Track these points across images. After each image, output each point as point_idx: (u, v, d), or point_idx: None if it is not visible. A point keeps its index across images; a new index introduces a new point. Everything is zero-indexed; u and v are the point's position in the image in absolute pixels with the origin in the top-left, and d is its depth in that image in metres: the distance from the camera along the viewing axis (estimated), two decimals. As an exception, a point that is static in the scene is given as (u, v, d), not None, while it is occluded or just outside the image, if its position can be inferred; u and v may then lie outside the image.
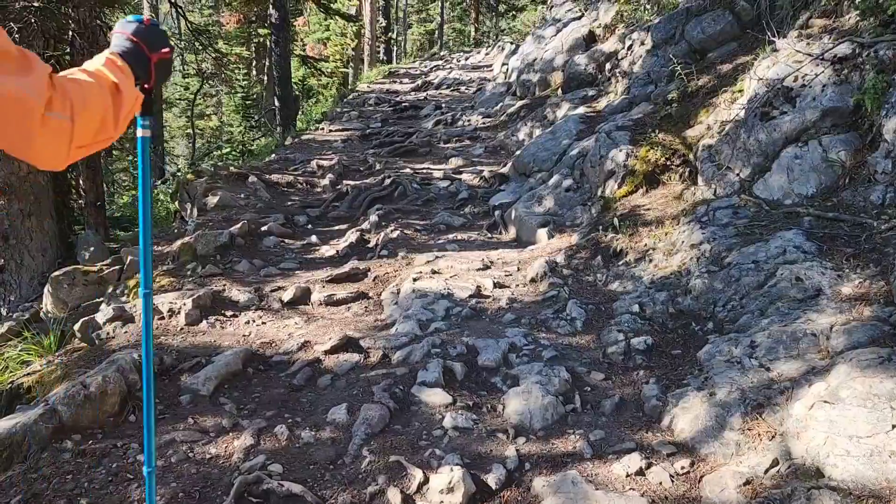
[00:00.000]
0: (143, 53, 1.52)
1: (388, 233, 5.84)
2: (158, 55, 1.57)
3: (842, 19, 4.88)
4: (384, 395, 3.13)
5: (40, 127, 1.17)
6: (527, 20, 18.16)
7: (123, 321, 4.14)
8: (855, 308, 3.02)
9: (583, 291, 4.39)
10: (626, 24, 8.95)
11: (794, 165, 4.34)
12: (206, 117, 27.50)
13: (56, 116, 1.20)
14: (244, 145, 14.95)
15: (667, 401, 2.98)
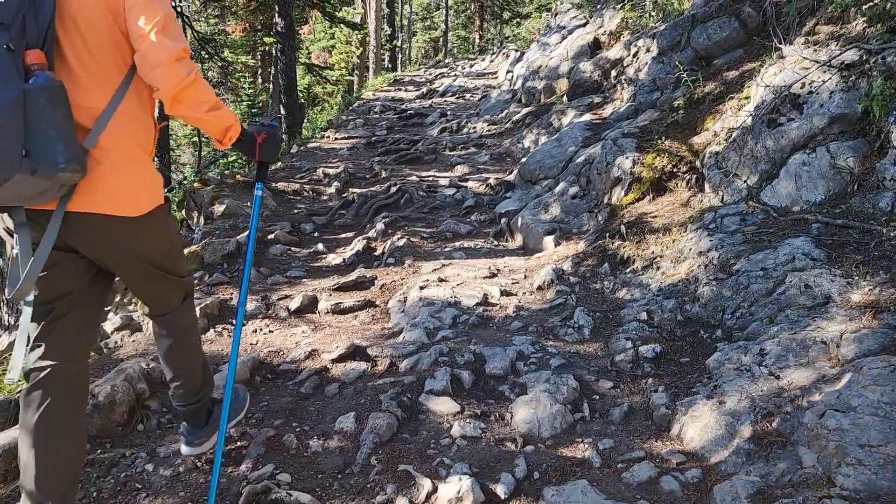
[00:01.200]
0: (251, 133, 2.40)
1: (394, 241, 5.84)
2: (261, 138, 2.42)
3: (848, 26, 4.87)
4: (392, 404, 3.12)
5: (173, 63, 1.91)
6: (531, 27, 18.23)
7: (131, 330, 4.15)
8: (865, 316, 3.01)
9: (590, 299, 4.38)
10: (631, 32, 8.96)
11: (801, 172, 4.33)
12: None
13: (183, 65, 1.94)
14: (250, 153, 14.96)
15: (676, 409, 2.97)
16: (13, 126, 1.72)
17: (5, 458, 2.71)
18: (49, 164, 1.77)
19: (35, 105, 1.74)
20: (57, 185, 1.84)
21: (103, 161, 1.93)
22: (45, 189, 1.83)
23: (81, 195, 1.91)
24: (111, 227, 2.00)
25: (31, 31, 1.80)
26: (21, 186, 1.78)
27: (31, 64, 1.77)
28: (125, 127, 1.99)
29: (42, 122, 1.76)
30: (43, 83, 1.76)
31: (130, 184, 2.01)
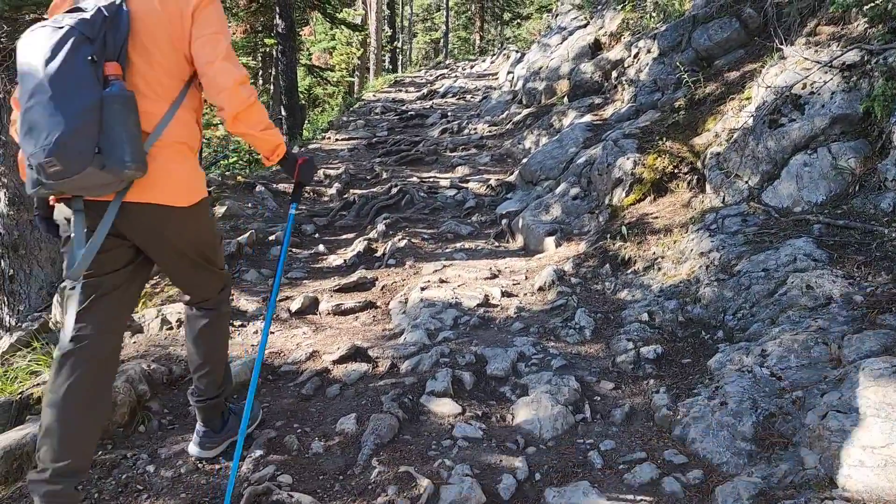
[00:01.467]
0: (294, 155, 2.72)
1: (395, 242, 5.84)
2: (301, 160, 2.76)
3: (850, 26, 4.87)
4: (393, 405, 3.12)
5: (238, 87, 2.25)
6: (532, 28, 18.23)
7: (132, 331, 4.15)
8: (866, 316, 3.00)
9: (591, 300, 4.38)
10: (631, 32, 8.96)
11: (803, 173, 4.33)
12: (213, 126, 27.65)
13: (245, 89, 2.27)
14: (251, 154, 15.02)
15: (677, 410, 2.96)
16: (91, 126, 2.02)
17: (6, 459, 2.72)
18: (117, 162, 2.06)
19: (110, 110, 2.05)
20: (119, 180, 2.13)
21: (158, 158, 2.23)
22: (108, 182, 2.12)
23: (137, 187, 2.20)
24: (163, 216, 2.29)
25: (110, 46, 2.12)
26: (89, 179, 2.07)
27: (109, 74, 2.08)
28: (179, 131, 2.29)
29: (115, 125, 2.06)
30: (117, 92, 2.08)
31: (180, 178, 2.31)
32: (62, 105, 1.99)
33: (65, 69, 2.00)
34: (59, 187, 2.10)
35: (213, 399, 2.76)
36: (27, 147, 2.04)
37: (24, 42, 2.08)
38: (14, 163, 6.14)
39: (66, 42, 2.02)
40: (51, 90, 1.99)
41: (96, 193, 2.16)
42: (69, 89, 2.00)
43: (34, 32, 2.08)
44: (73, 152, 2.00)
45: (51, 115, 1.98)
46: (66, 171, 2.01)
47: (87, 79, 2.03)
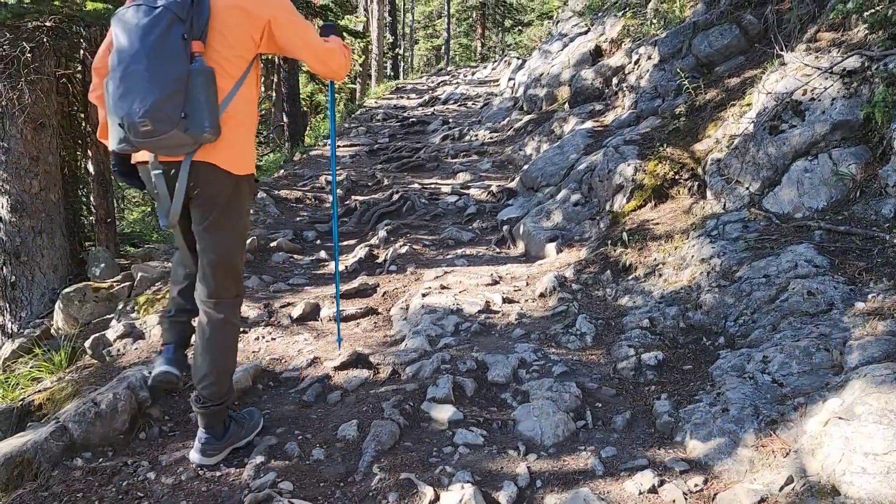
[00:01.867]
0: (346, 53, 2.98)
1: (396, 248, 5.85)
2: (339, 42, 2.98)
3: (850, 33, 4.88)
4: (394, 412, 3.12)
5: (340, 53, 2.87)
6: (533, 35, 18.27)
7: (133, 338, 4.15)
8: (868, 323, 3.00)
9: (592, 306, 4.38)
10: (632, 39, 8.98)
11: (804, 179, 4.33)
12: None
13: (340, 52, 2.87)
14: (253, 161, 14.99)
15: (679, 417, 2.95)
16: (179, 94, 2.37)
17: (7, 466, 2.72)
18: (198, 127, 2.42)
19: (195, 81, 2.41)
20: (194, 142, 2.48)
21: (222, 128, 2.53)
22: (185, 144, 2.47)
23: (202, 150, 2.54)
24: (217, 176, 2.60)
25: (196, 27, 2.45)
26: (172, 139, 2.42)
27: (194, 51, 2.43)
28: (240, 106, 2.62)
29: (198, 95, 2.41)
30: (201, 67, 2.43)
31: (237, 149, 2.63)
32: (157, 74, 2.34)
33: (161, 43, 2.35)
34: (143, 146, 2.46)
35: (216, 406, 2.81)
36: (121, 108, 2.37)
37: (122, 18, 2.42)
38: (16, 169, 6.16)
39: (163, 20, 2.37)
40: (148, 61, 2.34)
41: (171, 153, 2.52)
42: (164, 61, 2.35)
43: (130, 10, 2.41)
44: (164, 115, 2.35)
45: (147, 82, 2.33)
46: (155, 130, 2.37)
47: (178, 53, 2.38)
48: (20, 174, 6.16)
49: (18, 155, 6.14)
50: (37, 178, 6.25)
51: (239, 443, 2.95)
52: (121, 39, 2.40)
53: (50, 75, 6.35)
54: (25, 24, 5.77)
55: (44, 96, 6.21)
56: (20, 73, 5.89)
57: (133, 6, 2.42)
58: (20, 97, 5.96)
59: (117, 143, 2.50)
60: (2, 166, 6.12)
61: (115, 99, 2.40)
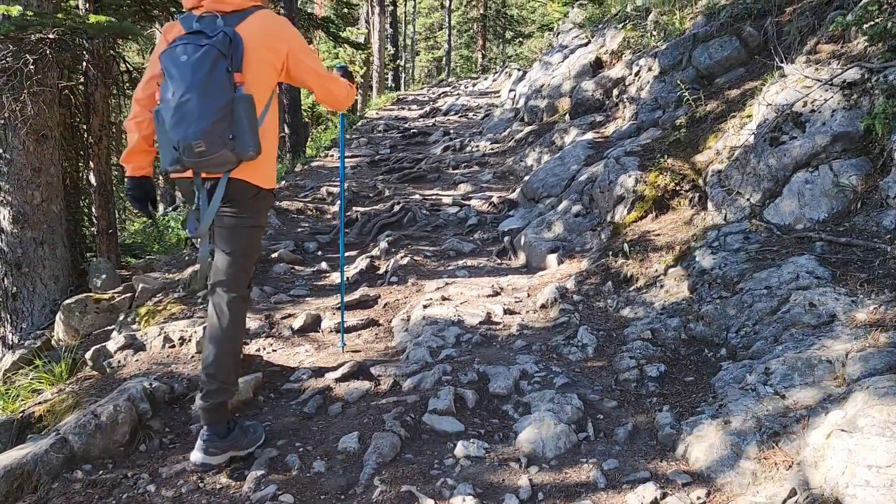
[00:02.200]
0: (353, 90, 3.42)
1: (397, 259, 5.85)
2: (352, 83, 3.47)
3: (850, 45, 4.90)
4: (395, 424, 3.11)
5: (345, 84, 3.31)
6: (534, 47, 18.34)
7: (134, 349, 4.15)
8: (870, 334, 2.99)
9: (594, 317, 4.37)
10: (632, 51, 9.01)
11: (804, 190, 4.33)
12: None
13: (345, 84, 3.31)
14: (254, 172, 15.00)
15: (681, 429, 2.94)
16: (228, 119, 2.72)
17: (7, 478, 2.71)
18: (243, 146, 2.77)
19: (239, 107, 2.75)
20: (237, 160, 2.82)
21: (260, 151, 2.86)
22: (230, 162, 2.81)
23: (244, 168, 2.88)
24: (248, 190, 2.95)
25: (234, 61, 2.79)
26: (221, 158, 2.76)
27: (237, 82, 2.77)
28: (267, 128, 2.96)
29: (242, 119, 2.75)
30: (243, 94, 2.77)
31: (265, 167, 2.99)
32: (208, 103, 2.69)
33: (210, 76, 2.71)
34: (193, 165, 2.80)
35: (219, 400, 2.95)
36: (177, 133, 2.71)
37: (172, 54, 2.76)
38: (18, 181, 6.18)
39: (210, 56, 2.72)
40: (199, 91, 2.69)
41: (214, 171, 2.85)
42: (213, 91, 2.70)
43: (178, 47, 2.76)
44: (215, 137, 2.70)
45: (200, 109, 2.68)
46: (208, 151, 2.71)
47: (225, 84, 2.74)
48: (22, 185, 6.17)
49: (21, 166, 6.15)
50: (39, 189, 6.26)
51: (240, 451, 3.00)
52: (173, 73, 2.75)
53: (52, 87, 6.38)
54: (29, 36, 5.80)
55: (46, 108, 6.23)
56: (23, 85, 5.91)
57: (181, 44, 2.77)
58: (23, 109, 5.98)
59: (169, 164, 2.82)
60: (4, 177, 6.13)
61: (170, 126, 2.74)
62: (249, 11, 2.97)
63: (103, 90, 6.99)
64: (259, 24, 2.94)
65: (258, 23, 2.94)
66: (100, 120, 6.97)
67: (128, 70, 8.29)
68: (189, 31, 2.83)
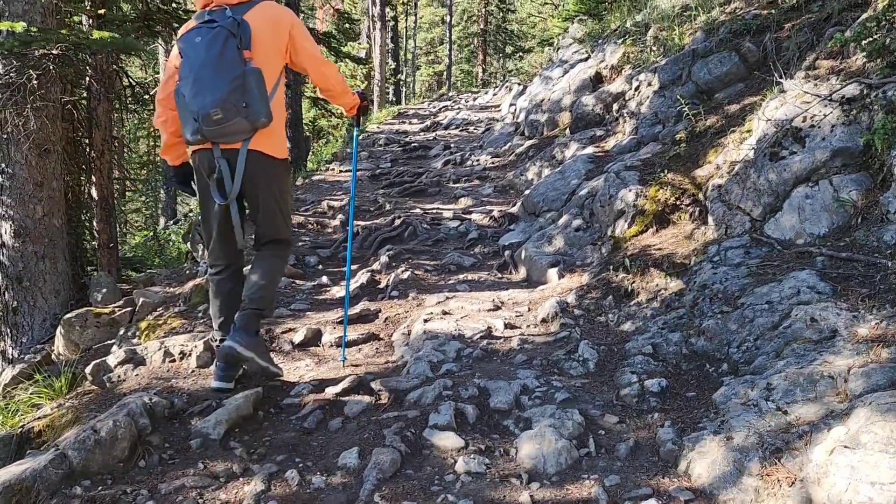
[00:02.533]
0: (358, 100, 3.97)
1: (398, 273, 5.85)
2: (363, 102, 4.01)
3: (848, 61, 4.92)
4: (395, 439, 3.09)
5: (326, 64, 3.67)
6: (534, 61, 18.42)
7: (134, 364, 4.14)
8: (872, 350, 2.98)
9: (594, 332, 4.36)
10: (632, 66, 9.06)
11: (805, 205, 4.34)
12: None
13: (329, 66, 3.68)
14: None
15: (683, 445, 2.93)
16: (240, 89, 3.15)
17: (6, 494, 2.69)
18: (256, 115, 3.20)
19: (250, 80, 3.17)
20: (252, 128, 3.25)
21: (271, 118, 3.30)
22: (245, 130, 3.24)
23: (259, 139, 3.33)
24: (266, 162, 3.41)
25: (243, 40, 3.22)
26: (237, 125, 3.19)
27: (246, 58, 3.21)
28: (277, 104, 3.38)
29: (253, 89, 3.18)
30: (253, 68, 3.20)
31: (278, 139, 3.48)
32: (223, 75, 3.12)
33: (222, 52, 3.14)
34: (211, 133, 3.20)
35: (256, 310, 3.56)
36: (195, 104, 3.15)
37: (187, 38, 3.25)
38: (20, 195, 6.19)
39: (221, 35, 3.17)
40: (213, 66, 3.13)
41: (232, 140, 3.27)
42: (226, 65, 3.14)
43: (191, 32, 3.25)
44: (230, 105, 3.13)
45: (215, 81, 3.12)
46: (224, 118, 3.13)
47: (236, 59, 3.17)
48: (24, 200, 6.19)
49: (23, 180, 6.17)
50: (40, 203, 6.27)
51: (259, 359, 3.59)
52: (189, 54, 3.21)
53: (55, 102, 6.41)
54: (32, 51, 5.84)
55: (49, 122, 6.26)
56: (26, 100, 5.94)
57: (194, 30, 3.26)
58: (26, 123, 6.00)
59: (191, 135, 3.24)
60: (6, 192, 6.15)
61: (189, 98, 3.17)
62: (255, 2, 3.39)
63: (106, 105, 7.03)
64: (263, 12, 3.38)
65: (262, 11, 3.38)
66: (102, 134, 7.00)
67: (130, 85, 8.33)
68: (201, 22, 3.29)
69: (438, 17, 39.14)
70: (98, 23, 6.70)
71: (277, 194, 3.54)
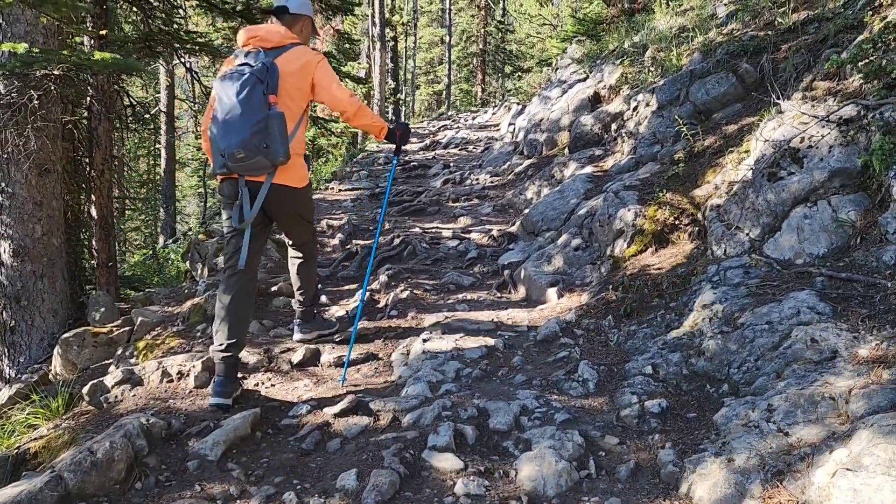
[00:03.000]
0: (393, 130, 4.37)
1: (397, 293, 5.84)
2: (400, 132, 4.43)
3: (845, 82, 4.96)
4: (394, 460, 3.07)
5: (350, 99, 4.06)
6: (532, 81, 18.53)
7: (132, 384, 4.12)
8: (873, 371, 2.97)
9: (594, 352, 4.35)
10: (630, 86, 9.12)
11: (803, 225, 4.35)
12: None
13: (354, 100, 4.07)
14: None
15: (684, 467, 2.91)
16: (263, 132, 3.57)
17: (1, 517, 2.67)
18: (275, 155, 3.63)
19: (272, 123, 3.59)
20: (272, 166, 3.70)
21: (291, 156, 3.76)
22: (265, 167, 3.69)
23: (280, 174, 3.80)
24: (288, 193, 3.92)
25: (270, 86, 3.66)
26: (257, 163, 3.64)
27: (271, 102, 3.64)
28: (298, 140, 3.88)
29: (275, 132, 3.60)
30: (276, 112, 3.63)
31: (298, 171, 3.93)
32: (248, 118, 3.54)
33: (249, 98, 3.56)
34: (236, 169, 3.67)
35: (308, 306, 4.71)
36: (222, 143, 3.60)
37: (223, 81, 3.66)
38: (19, 214, 6.19)
39: (250, 82, 3.59)
40: (241, 110, 3.55)
41: (256, 174, 3.74)
42: (252, 110, 3.56)
43: (227, 76, 3.66)
44: (253, 146, 3.55)
45: (241, 124, 3.55)
46: (247, 157, 3.58)
47: (261, 104, 3.58)
48: (24, 219, 6.19)
49: (23, 200, 6.18)
50: (40, 222, 6.27)
51: (323, 331, 4.82)
52: (222, 96, 3.64)
53: (56, 122, 6.43)
54: (34, 72, 5.87)
55: (49, 142, 6.28)
56: (27, 120, 5.96)
57: (229, 73, 3.66)
58: (26, 143, 6.02)
59: (219, 168, 3.71)
60: (5, 211, 6.15)
61: (219, 137, 3.62)
62: (287, 47, 3.85)
63: (106, 124, 7.04)
64: (293, 56, 3.83)
65: (293, 56, 3.83)
66: (102, 153, 7.00)
67: (131, 104, 8.37)
68: (238, 64, 3.72)
69: (438, 38, 39.44)
70: (99, 44, 6.73)
71: (302, 212, 4.17)
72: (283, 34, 3.89)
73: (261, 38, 3.82)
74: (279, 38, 3.86)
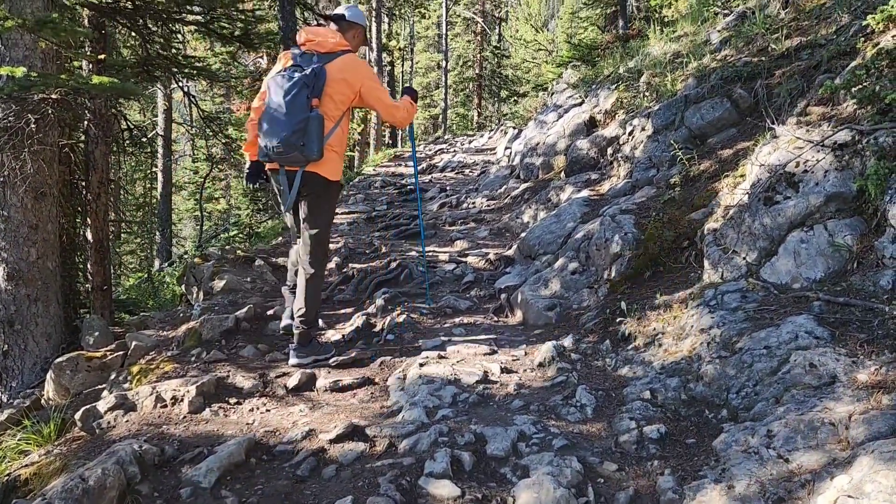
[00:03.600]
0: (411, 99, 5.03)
1: (394, 317, 5.81)
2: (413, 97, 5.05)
3: (839, 107, 4.99)
4: (390, 488, 3.03)
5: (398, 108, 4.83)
6: (529, 105, 18.65)
7: (125, 410, 4.07)
8: (873, 396, 2.96)
9: (592, 377, 4.32)
10: (626, 111, 9.18)
11: (800, 250, 4.35)
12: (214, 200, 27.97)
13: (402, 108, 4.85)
14: (251, 228, 15.11)
15: (683, 494, 2.87)
16: (302, 131, 4.19)
17: (-11, 546, 2.62)
18: (309, 152, 4.26)
19: (311, 124, 4.20)
20: (306, 160, 4.33)
21: (325, 151, 4.37)
22: (300, 161, 4.33)
23: (313, 165, 4.40)
24: (319, 180, 4.48)
25: (315, 90, 4.25)
26: (293, 157, 4.30)
27: (313, 105, 4.24)
28: (336, 139, 4.47)
29: (313, 132, 4.21)
30: (316, 115, 4.23)
31: (332, 165, 4.50)
32: (290, 119, 4.17)
33: (294, 100, 4.18)
34: (276, 159, 4.35)
35: (307, 327, 4.79)
36: (266, 137, 4.27)
37: (275, 80, 4.29)
38: (14, 238, 6.17)
39: (297, 85, 4.20)
40: (285, 110, 4.18)
41: (292, 165, 4.41)
42: (295, 111, 4.17)
43: (279, 76, 4.30)
44: (291, 143, 4.20)
45: (284, 122, 4.19)
46: (284, 152, 4.25)
47: (304, 107, 4.20)
48: (18, 242, 6.17)
49: (18, 223, 6.16)
50: (35, 246, 6.25)
51: (319, 356, 4.84)
52: (272, 94, 4.26)
53: (53, 145, 6.43)
54: (31, 96, 5.89)
55: (46, 166, 6.28)
56: (24, 144, 5.97)
57: (281, 74, 4.30)
58: (23, 167, 6.02)
59: (262, 156, 4.42)
60: (0, 234, 6.13)
61: (264, 132, 4.28)
62: (339, 54, 4.41)
63: (103, 148, 7.06)
64: (342, 64, 4.40)
65: (342, 63, 4.39)
66: (99, 177, 7.02)
67: (129, 128, 8.40)
68: (292, 64, 4.35)
69: (434, 62, 39.76)
70: (98, 68, 6.77)
71: (326, 200, 4.61)
72: (336, 41, 4.45)
73: (317, 42, 4.39)
74: (333, 44, 4.41)
